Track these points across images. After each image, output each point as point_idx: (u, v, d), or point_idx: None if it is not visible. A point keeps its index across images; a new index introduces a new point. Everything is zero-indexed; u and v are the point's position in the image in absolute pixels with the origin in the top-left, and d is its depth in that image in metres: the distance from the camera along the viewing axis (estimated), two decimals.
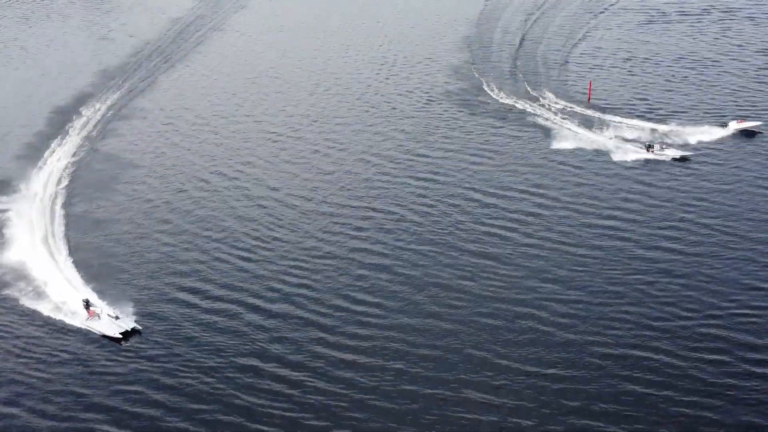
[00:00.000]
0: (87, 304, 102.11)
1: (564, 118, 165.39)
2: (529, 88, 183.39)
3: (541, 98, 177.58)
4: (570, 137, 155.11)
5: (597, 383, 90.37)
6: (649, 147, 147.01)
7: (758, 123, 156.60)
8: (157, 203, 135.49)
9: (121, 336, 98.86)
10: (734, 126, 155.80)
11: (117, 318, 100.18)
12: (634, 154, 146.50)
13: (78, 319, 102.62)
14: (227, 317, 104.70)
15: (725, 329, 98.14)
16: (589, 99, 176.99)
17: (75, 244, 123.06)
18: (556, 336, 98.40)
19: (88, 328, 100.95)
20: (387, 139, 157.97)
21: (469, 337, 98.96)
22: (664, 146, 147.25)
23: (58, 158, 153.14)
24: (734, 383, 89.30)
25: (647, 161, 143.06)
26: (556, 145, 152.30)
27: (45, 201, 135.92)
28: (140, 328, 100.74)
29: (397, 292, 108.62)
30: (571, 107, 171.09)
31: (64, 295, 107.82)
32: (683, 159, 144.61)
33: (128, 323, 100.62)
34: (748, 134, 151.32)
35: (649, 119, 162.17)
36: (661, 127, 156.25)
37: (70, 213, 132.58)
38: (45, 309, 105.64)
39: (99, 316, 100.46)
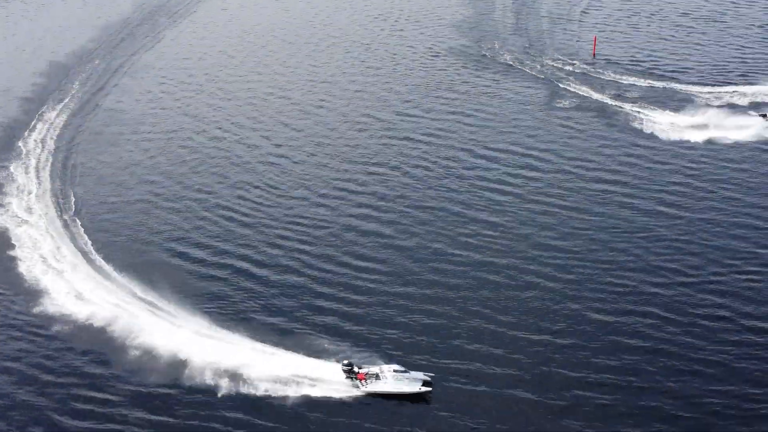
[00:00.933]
0: (351, 368, 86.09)
1: (568, 73, 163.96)
2: (532, 44, 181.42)
3: (544, 54, 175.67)
4: (569, 94, 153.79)
5: (595, 350, 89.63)
6: (764, 115, 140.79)
7: None
8: (156, 163, 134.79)
9: (427, 389, 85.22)
10: None
11: (405, 371, 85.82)
12: (749, 126, 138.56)
13: (340, 387, 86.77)
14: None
15: (724, 296, 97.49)
16: (593, 54, 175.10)
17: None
18: (555, 302, 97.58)
19: (374, 393, 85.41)
20: (386, 97, 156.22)
21: (467, 304, 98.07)
22: None
23: (56, 114, 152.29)
24: (732, 351, 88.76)
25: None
26: (558, 103, 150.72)
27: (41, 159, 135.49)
28: (432, 375, 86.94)
29: (395, 257, 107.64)
30: (573, 62, 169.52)
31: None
32: None
33: (416, 373, 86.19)
34: None
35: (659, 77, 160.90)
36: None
37: (77, 167, 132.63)
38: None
39: (378, 376, 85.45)
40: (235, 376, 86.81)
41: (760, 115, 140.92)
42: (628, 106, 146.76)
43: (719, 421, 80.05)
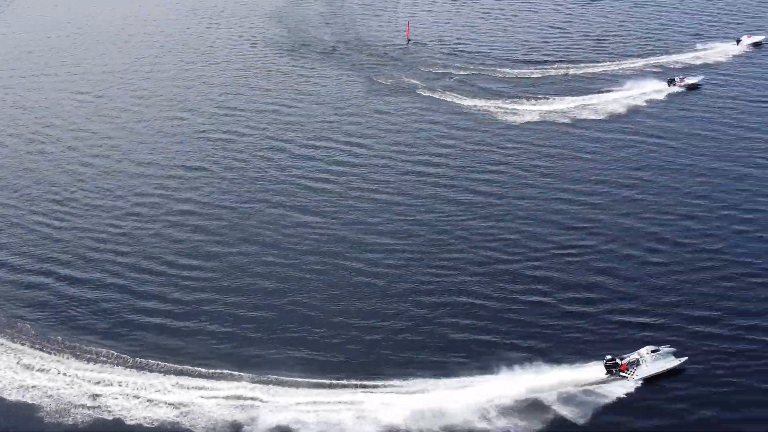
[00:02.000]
0: (614, 361, 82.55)
1: (384, 59, 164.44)
2: (346, 31, 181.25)
3: (358, 41, 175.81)
4: (385, 80, 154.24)
5: (421, 332, 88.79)
6: (671, 81, 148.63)
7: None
8: None
9: (684, 359, 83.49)
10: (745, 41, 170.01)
11: (657, 349, 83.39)
12: (656, 91, 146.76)
13: (608, 381, 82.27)
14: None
15: (544, 270, 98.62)
16: (408, 39, 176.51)
17: None
18: (380, 286, 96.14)
19: (646, 377, 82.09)
20: (202, 91, 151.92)
21: (293, 294, 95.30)
22: (683, 78, 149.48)
23: None
24: (553, 323, 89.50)
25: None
26: (375, 91, 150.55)
27: None
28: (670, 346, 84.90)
29: (215, 252, 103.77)
30: (388, 47, 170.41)
31: None
32: (696, 86, 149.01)
33: (665, 347, 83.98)
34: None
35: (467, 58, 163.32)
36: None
37: None
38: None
39: (639, 363, 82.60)
40: None
41: (667, 81, 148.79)
42: (442, 91, 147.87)
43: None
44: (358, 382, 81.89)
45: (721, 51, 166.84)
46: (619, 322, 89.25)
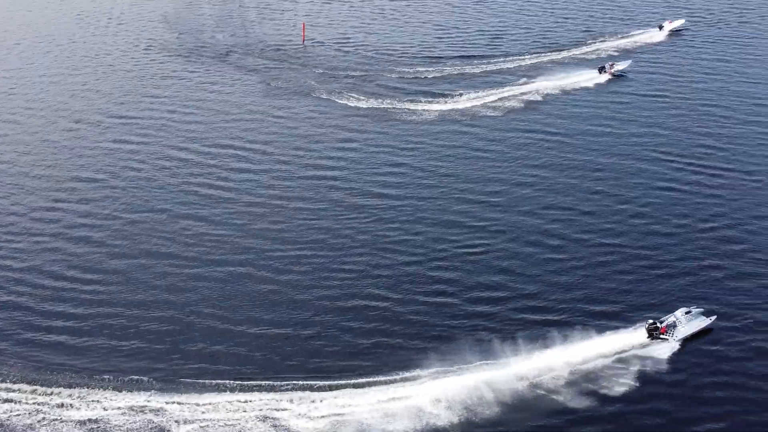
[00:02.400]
0: (655, 325, 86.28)
1: (280, 61, 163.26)
2: (240, 34, 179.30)
3: (253, 44, 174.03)
4: (282, 83, 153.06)
5: (328, 338, 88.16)
6: (601, 69, 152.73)
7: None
8: None
9: (714, 317, 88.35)
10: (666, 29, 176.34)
11: (690, 311, 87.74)
12: (590, 78, 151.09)
13: (652, 344, 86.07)
14: None
15: (446, 270, 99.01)
16: (303, 41, 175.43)
17: None
18: (283, 294, 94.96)
19: (684, 338, 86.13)
20: (91, 99, 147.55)
21: (196, 305, 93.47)
22: (612, 65, 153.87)
23: None
24: (456, 324, 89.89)
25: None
26: (271, 94, 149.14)
27: None
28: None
29: (113, 265, 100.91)
30: (284, 50, 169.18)
31: None
32: (623, 74, 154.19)
33: (695, 308, 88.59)
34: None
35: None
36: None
37: None
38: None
39: (676, 325, 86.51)
40: None
41: (598, 69, 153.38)
42: (340, 92, 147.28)
43: None
44: (269, 391, 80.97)
45: (644, 38, 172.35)
46: (523, 320, 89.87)
